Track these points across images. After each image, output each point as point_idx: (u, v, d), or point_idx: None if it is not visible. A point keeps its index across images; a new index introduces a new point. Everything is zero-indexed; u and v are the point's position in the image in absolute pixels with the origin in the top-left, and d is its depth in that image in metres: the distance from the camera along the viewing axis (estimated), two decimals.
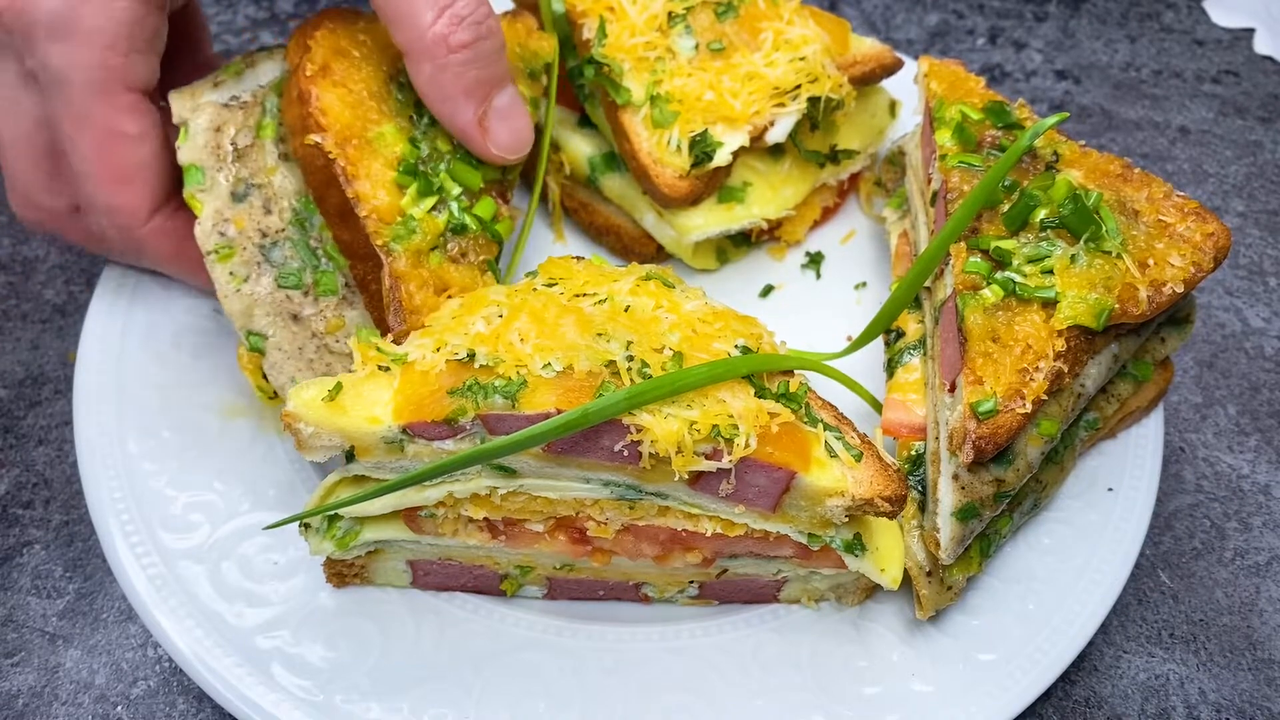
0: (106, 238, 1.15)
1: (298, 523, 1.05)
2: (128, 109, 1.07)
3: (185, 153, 1.09)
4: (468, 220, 1.09)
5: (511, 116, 1.13)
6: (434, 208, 1.06)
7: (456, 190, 1.09)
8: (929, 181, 1.23)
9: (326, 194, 1.06)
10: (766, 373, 1.01)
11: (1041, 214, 1.09)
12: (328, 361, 1.07)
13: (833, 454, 0.98)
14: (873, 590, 1.12)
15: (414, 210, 1.05)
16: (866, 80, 1.39)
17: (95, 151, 1.07)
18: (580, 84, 1.35)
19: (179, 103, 1.12)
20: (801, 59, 1.30)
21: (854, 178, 1.48)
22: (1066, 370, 1.03)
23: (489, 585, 1.12)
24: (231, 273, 1.07)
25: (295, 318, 1.06)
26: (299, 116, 1.06)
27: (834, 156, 1.41)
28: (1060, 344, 1.03)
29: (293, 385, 1.02)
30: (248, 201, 1.08)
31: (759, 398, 0.97)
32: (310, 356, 1.06)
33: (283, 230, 1.08)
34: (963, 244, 1.09)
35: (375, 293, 1.05)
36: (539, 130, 1.26)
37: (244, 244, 1.07)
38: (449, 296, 1.05)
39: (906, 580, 1.07)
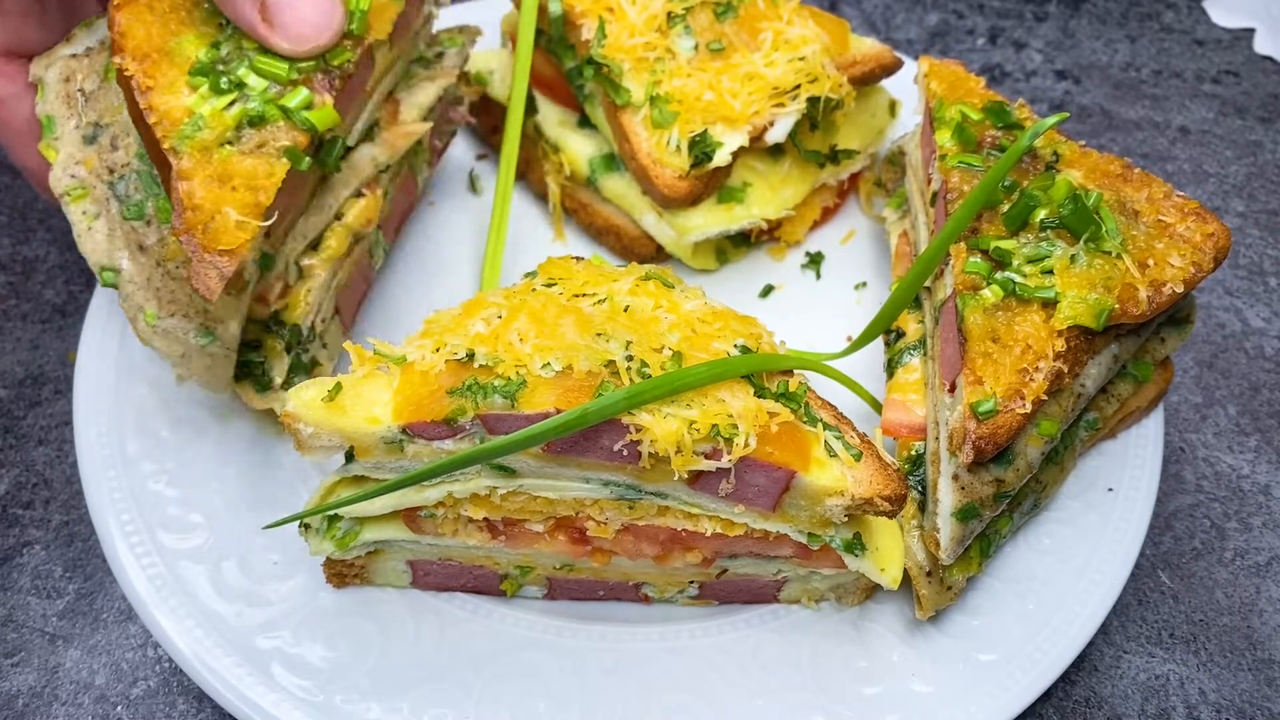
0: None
1: (298, 523, 1.05)
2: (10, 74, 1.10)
3: (40, 107, 1.10)
4: (266, 111, 1.04)
5: (296, 4, 1.06)
6: (230, 104, 1.03)
7: (260, 84, 1.05)
8: (929, 181, 1.23)
9: (139, 116, 1.05)
10: (766, 372, 1.01)
11: (1041, 214, 1.09)
12: (172, 289, 1.05)
13: (832, 453, 0.98)
14: (873, 590, 1.12)
15: (202, 109, 1.02)
16: (866, 80, 1.39)
17: None
18: (580, 84, 1.35)
19: (36, 65, 1.13)
20: (801, 59, 1.30)
21: (854, 178, 1.48)
22: (1066, 370, 1.03)
23: (489, 585, 1.12)
24: (84, 212, 1.07)
25: (141, 248, 1.05)
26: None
27: (834, 156, 1.41)
28: (1060, 344, 1.03)
29: (143, 316, 1.03)
30: (97, 143, 1.08)
31: (758, 397, 0.97)
32: (157, 285, 1.05)
33: (128, 164, 1.07)
34: (963, 244, 1.09)
35: None
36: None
37: (94, 183, 1.07)
38: (234, 189, 1.00)
39: (906, 580, 1.07)
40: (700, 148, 1.27)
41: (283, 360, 1.14)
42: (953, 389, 1.06)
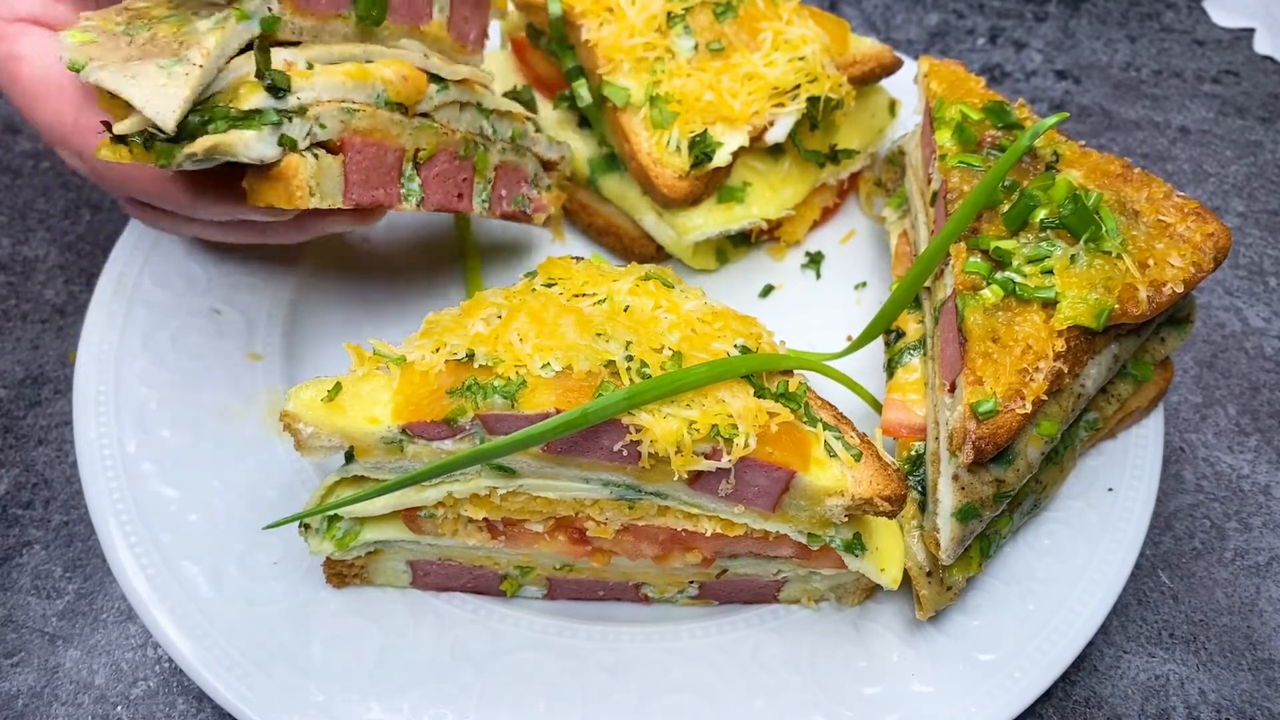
0: (76, 169, 1.13)
1: (297, 523, 1.05)
2: (15, 36, 1.07)
3: (76, 27, 1.05)
4: None
5: None
6: None
7: None
8: (929, 181, 1.23)
9: None
10: (766, 372, 1.01)
11: (1041, 214, 1.09)
12: (141, 50, 1.00)
13: (832, 454, 0.98)
14: (872, 590, 1.12)
15: None
16: (866, 80, 1.39)
17: (5, 80, 1.07)
18: (578, 86, 1.35)
19: (85, 15, 1.07)
20: (801, 59, 1.30)
21: (854, 178, 1.48)
22: (1066, 370, 1.03)
23: (489, 585, 1.12)
24: (80, 41, 1.01)
25: (129, 43, 1.01)
26: None
27: (834, 156, 1.41)
28: (1060, 344, 1.02)
29: (98, 65, 0.97)
30: (126, 23, 1.04)
31: (758, 397, 0.97)
32: (134, 55, 1.00)
33: (153, 21, 1.04)
34: (963, 244, 1.09)
35: None
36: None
37: (105, 30, 1.02)
38: None
39: (906, 580, 1.07)
40: (700, 148, 1.27)
41: (259, 94, 1.00)
42: (953, 389, 1.06)
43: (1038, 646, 1.08)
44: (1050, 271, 1.05)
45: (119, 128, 0.99)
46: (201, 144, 0.98)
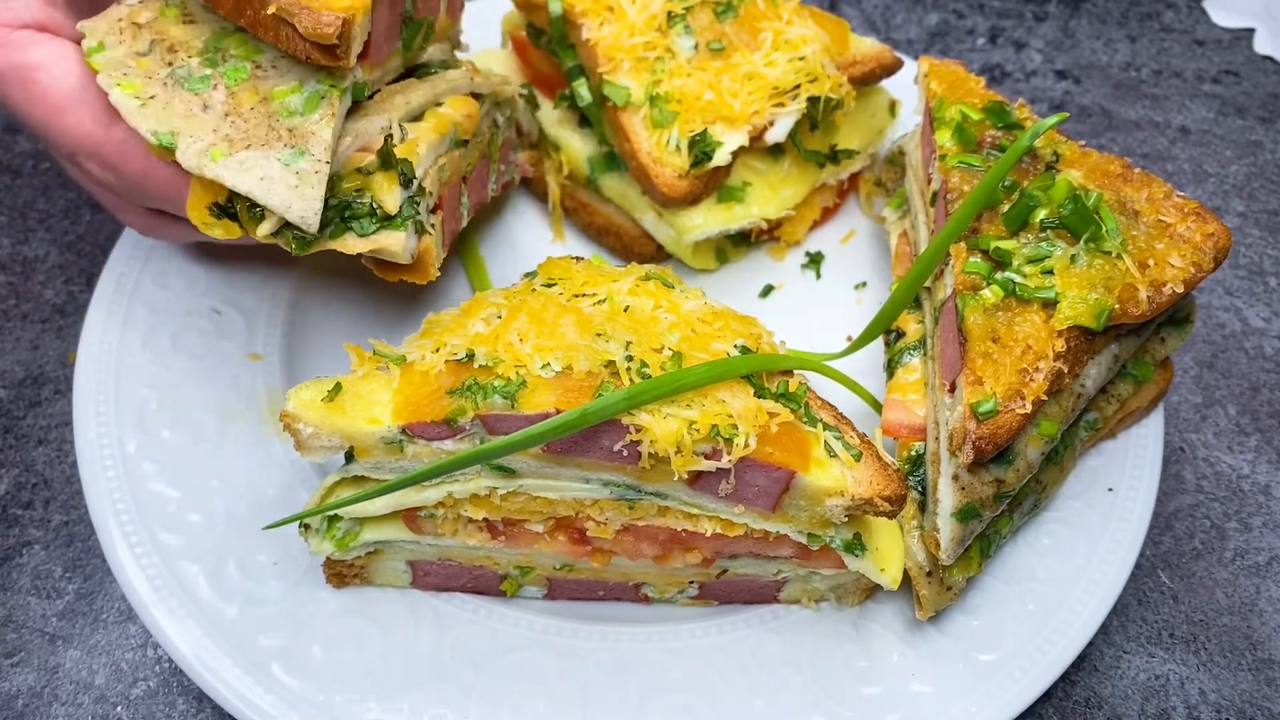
0: (98, 180, 1.10)
1: (297, 523, 1.05)
2: (24, 44, 1.04)
3: (86, 42, 1.06)
4: None
5: None
6: None
7: None
8: (929, 181, 1.23)
9: None
10: (766, 372, 1.01)
11: (1041, 214, 1.09)
12: (244, 129, 1.01)
13: (832, 454, 0.98)
14: (872, 590, 1.12)
15: None
16: (866, 80, 1.39)
17: (19, 91, 1.04)
18: (578, 86, 1.35)
19: (84, 23, 1.08)
20: (801, 59, 1.30)
21: (854, 178, 1.48)
22: (1066, 370, 1.03)
23: (489, 585, 1.12)
24: (136, 95, 1.03)
25: (205, 107, 1.02)
26: None
27: (834, 156, 1.41)
28: (1060, 344, 1.02)
29: (209, 159, 0.98)
30: (152, 53, 1.05)
31: (758, 397, 0.97)
32: (226, 131, 1.01)
33: (187, 60, 1.04)
34: (963, 244, 1.09)
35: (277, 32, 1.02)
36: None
37: (151, 73, 1.04)
38: None
39: (906, 580, 1.07)
40: (700, 147, 1.27)
41: (396, 190, 1.04)
42: (953, 389, 1.06)
43: (1038, 646, 1.08)
44: (1050, 271, 1.05)
45: (262, 232, 1.01)
46: (354, 246, 1.02)
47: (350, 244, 1.02)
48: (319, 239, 1.01)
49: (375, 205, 1.03)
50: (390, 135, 1.06)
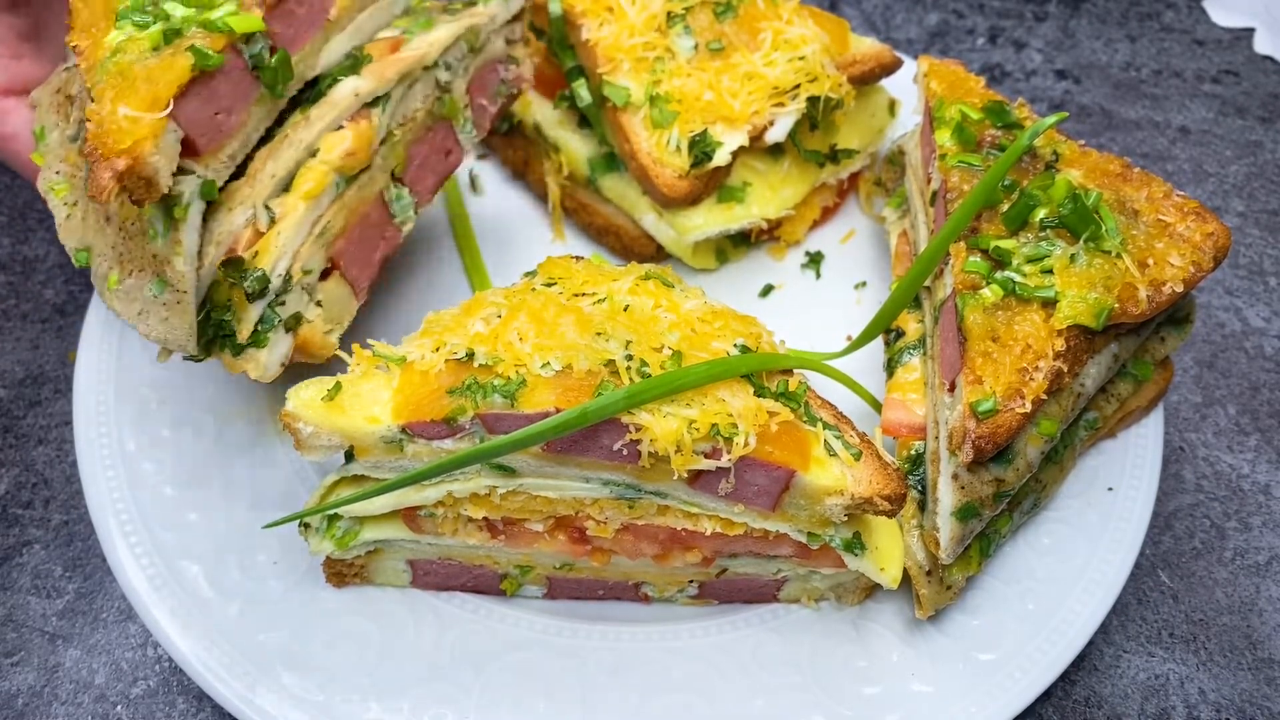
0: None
1: (297, 522, 1.05)
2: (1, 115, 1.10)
3: (34, 123, 1.07)
4: (184, 24, 0.96)
5: None
6: (147, 28, 0.97)
7: (185, 11, 0.97)
8: (929, 181, 1.23)
9: None
10: (766, 372, 1.01)
11: (1041, 214, 1.09)
12: (131, 249, 1.00)
13: (832, 453, 0.98)
14: (872, 590, 1.12)
15: (120, 39, 0.95)
16: (866, 80, 1.39)
17: (4, 154, 1.11)
18: (578, 85, 1.35)
19: (35, 91, 1.10)
20: (801, 58, 1.30)
21: (854, 177, 1.48)
22: (1066, 370, 1.03)
23: (489, 585, 1.12)
24: (64, 201, 1.03)
25: (107, 219, 1.01)
26: None
27: (834, 156, 1.41)
28: (1060, 344, 1.02)
29: (107, 284, 0.98)
30: (79, 140, 1.04)
31: (758, 397, 0.97)
32: (120, 250, 1.00)
33: None
34: (962, 244, 1.09)
35: None
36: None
37: (73, 174, 1.04)
38: (132, 89, 0.91)
39: (906, 580, 1.07)
40: (700, 147, 1.27)
41: (249, 312, 1.01)
42: (952, 388, 1.06)
43: (1038, 646, 1.08)
44: (1050, 271, 1.05)
45: (160, 358, 1.05)
46: (234, 367, 1.03)
47: (230, 364, 1.03)
48: (211, 354, 1.03)
49: (234, 325, 1.01)
50: (237, 262, 0.99)
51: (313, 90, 1.08)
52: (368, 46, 1.11)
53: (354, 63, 1.10)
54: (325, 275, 1.09)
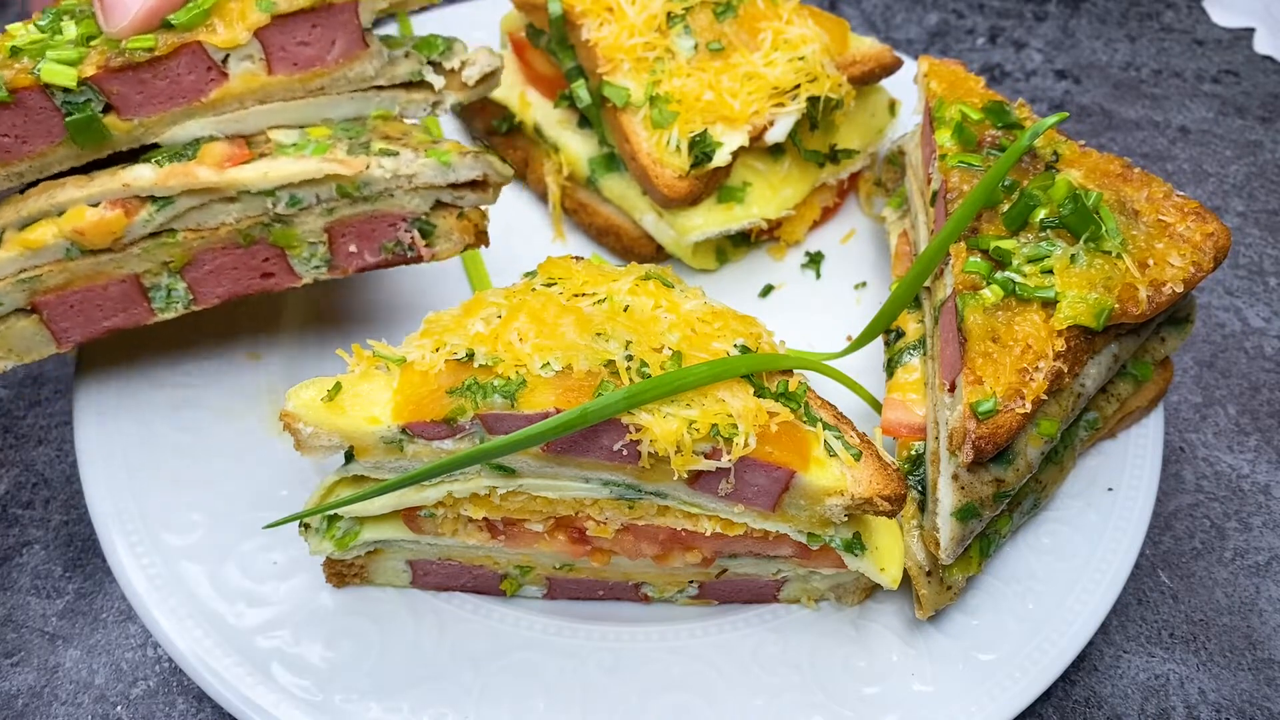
0: None
1: (297, 522, 1.05)
2: None
3: None
4: (27, 47, 0.97)
5: None
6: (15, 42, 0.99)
7: (29, 37, 0.98)
8: (929, 181, 1.23)
9: None
10: (766, 372, 1.01)
11: (1041, 214, 1.09)
12: None
13: (832, 453, 0.98)
14: (872, 590, 1.12)
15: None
16: (866, 80, 1.39)
17: None
18: (578, 86, 1.35)
19: None
20: (801, 59, 1.30)
21: (854, 177, 1.48)
22: (1066, 370, 1.03)
23: (489, 585, 1.12)
24: None
25: None
26: None
27: (834, 156, 1.41)
28: (1060, 344, 1.02)
29: None
30: None
31: (758, 397, 0.97)
32: None
33: None
34: (962, 244, 1.09)
35: None
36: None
37: None
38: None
39: (906, 580, 1.07)
40: (700, 148, 1.27)
41: None
42: (952, 389, 1.06)
43: (1038, 646, 1.08)
44: (1050, 271, 1.05)
45: None
46: None
47: None
48: None
49: None
50: None
51: (149, 153, 1.04)
52: (210, 144, 1.05)
53: (192, 149, 1.04)
54: (27, 312, 1.06)
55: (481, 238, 1.16)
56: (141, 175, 1.01)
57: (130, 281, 1.07)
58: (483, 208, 1.16)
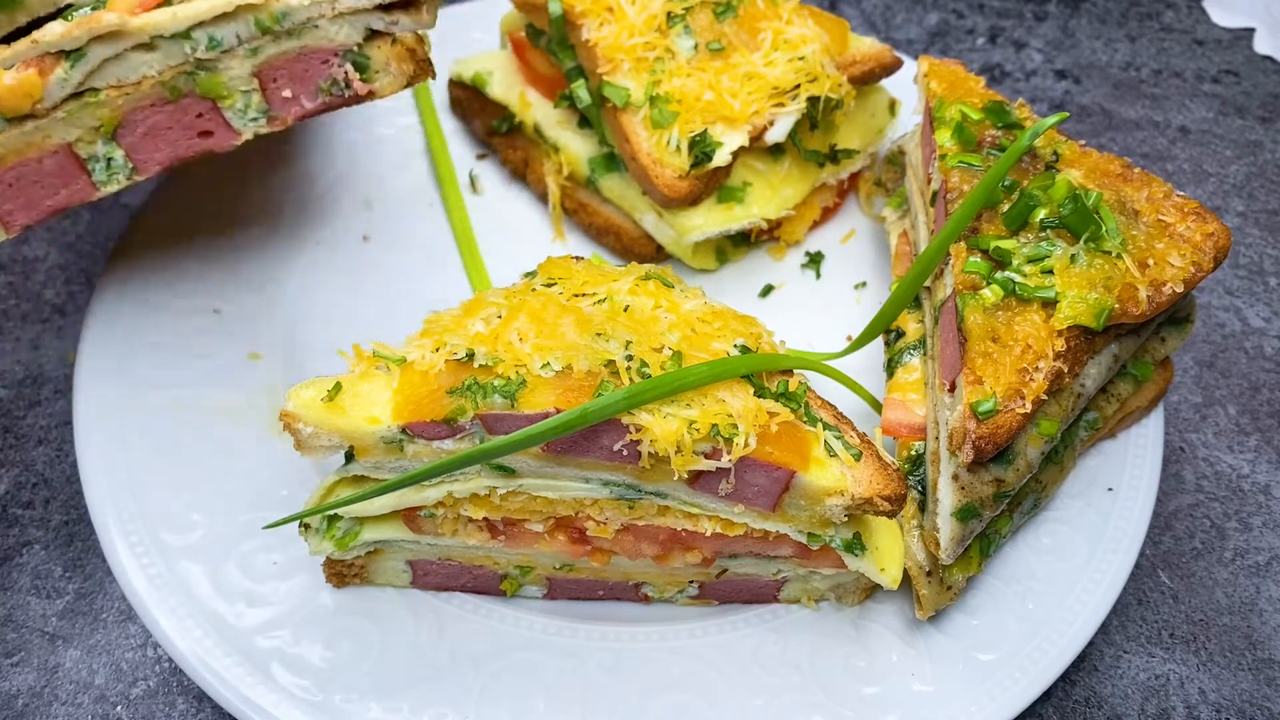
0: None
1: (297, 523, 1.05)
2: None
3: None
4: None
5: None
6: None
7: None
8: (929, 181, 1.23)
9: None
10: (766, 372, 1.01)
11: (1041, 214, 1.09)
12: None
13: (832, 453, 0.98)
14: (872, 590, 1.12)
15: None
16: (866, 80, 1.39)
17: None
18: (578, 85, 1.35)
19: None
20: (801, 58, 1.30)
21: (854, 177, 1.48)
22: (1066, 370, 1.03)
23: (489, 585, 1.12)
24: None
25: None
26: None
27: (834, 156, 1.41)
28: (1060, 344, 1.02)
29: None
30: None
31: (758, 397, 0.97)
32: None
33: None
34: (962, 244, 1.09)
35: None
36: None
37: None
38: None
39: (906, 580, 1.07)
40: (700, 148, 1.27)
41: None
42: (953, 389, 1.06)
43: (1038, 646, 1.08)
44: (1050, 271, 1.05)
45: None
46: None
47: None
48: None
49: None
50: None
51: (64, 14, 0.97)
52: None
53: (103, 3, 0.97)
54: None
55: (425, 68, 1.08)
56: (50, 30, 0.95)
57: (64, 152, 1.01)
58: (421, 33, 1.07)
